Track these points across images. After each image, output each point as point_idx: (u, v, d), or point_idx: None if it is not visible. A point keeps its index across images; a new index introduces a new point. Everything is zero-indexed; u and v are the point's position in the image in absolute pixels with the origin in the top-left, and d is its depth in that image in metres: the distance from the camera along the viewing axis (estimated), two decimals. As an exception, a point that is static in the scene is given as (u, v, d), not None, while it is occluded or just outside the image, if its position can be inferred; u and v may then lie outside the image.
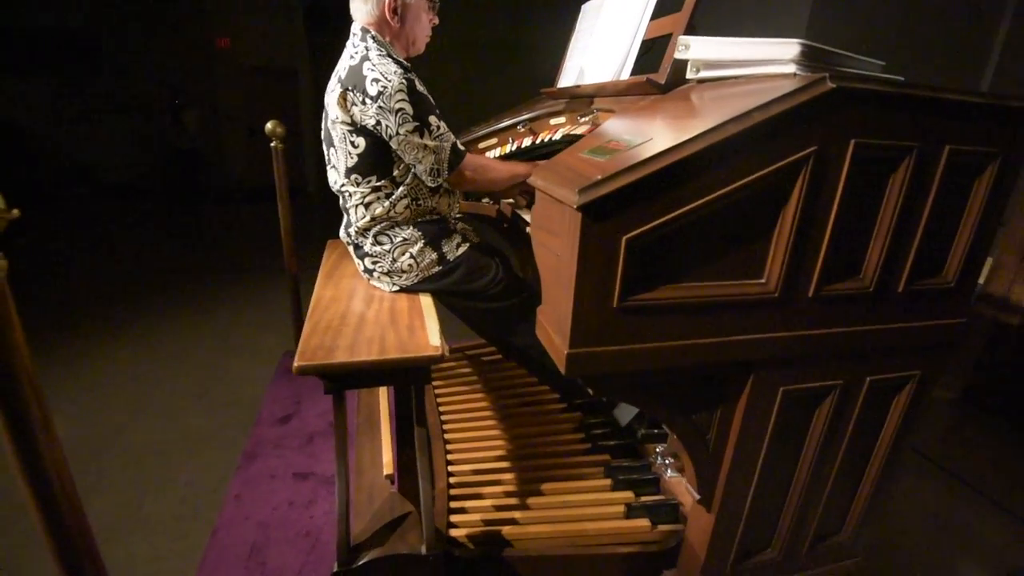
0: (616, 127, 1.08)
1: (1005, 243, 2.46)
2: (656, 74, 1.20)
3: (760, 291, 0.94)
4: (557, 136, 1.87)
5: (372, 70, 1.32)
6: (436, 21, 1.56)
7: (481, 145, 2.11)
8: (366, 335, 1.23)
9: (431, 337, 1.23)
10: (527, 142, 2.00)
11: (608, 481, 1.61)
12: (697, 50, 1.07)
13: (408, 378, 1.20)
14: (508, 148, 2.05)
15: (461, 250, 1.55)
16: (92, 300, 3.63)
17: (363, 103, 1.33)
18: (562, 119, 1.91)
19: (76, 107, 7.50)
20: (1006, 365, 2.44)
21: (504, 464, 1.67)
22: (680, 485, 1.58)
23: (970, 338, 2.54)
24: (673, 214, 0.82)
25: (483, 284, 1.55)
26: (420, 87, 1.35)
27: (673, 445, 1.61)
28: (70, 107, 7.48)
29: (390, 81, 1.30)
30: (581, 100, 1.72)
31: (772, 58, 0.95)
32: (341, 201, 1.56)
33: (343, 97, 1.36)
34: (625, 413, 1.86)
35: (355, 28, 1.45)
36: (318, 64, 7.68)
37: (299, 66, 7.72)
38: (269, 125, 2.15)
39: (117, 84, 7.54)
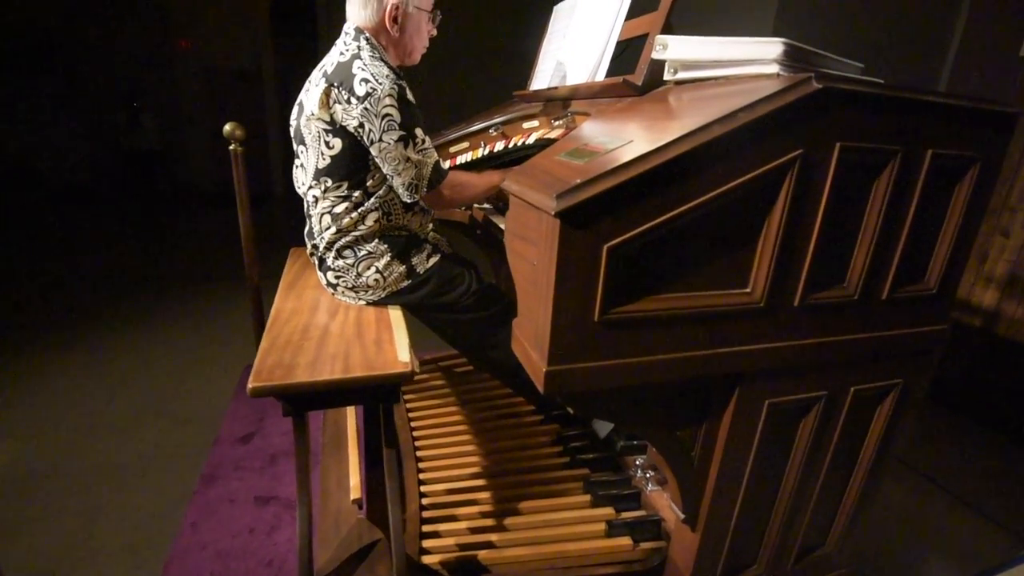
0: (593, 130, 1.03)
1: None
2: (632, 75, 1.15)
3: (745, 301, 0.90)
4: (530, 140, 1.81)
5: (363, 69, 1.24)
6: (434, 32, 1.49)
7: (452, 149, 2.04)
8: (329, 351, 1.15)
9: (400, 352, 1.15)
10: (500, 146, 1.94)
11: (588, 497, 1.55)
12: (675, 50, 1.03)
13: (376, 397, 1.12)
14: (480, 152, 1.99)
15: (432, 262, 1.47)
16: (42, 311, 3.41)
17: (348, 102, 1.25)
18: (535, 123, 1.85)
19: (27, 107, 7.13)
20: (969, 365, 2.49)
21: (480, 482, 1.60)
22: (662, 499, 1.54)
23: (937, 340, 2.58)
24: (657, 220, 0.77)
25: (455, 296, 1.48)
26: (410, 96, 1.28)
27: (653, 458, 1.57)
28: (21, 107, 7.10)
29: (380, 84, 1.22)
30: (555, 103, 1.67)
31: (753, 58, 0.91)
32: (305, 206, 1.47)
33: (326, 93, 1.28)
34: (603, 426, 1.82)
35: (348, 27, 1.36)
36: (283, 66, 7.49)
37: (263, 68, 7.51)
38: (228, 127, 2.03)
39: (71, 84, 7.20)
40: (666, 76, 1.10)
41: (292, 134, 1.45)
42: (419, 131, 1.29)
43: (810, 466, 1.18)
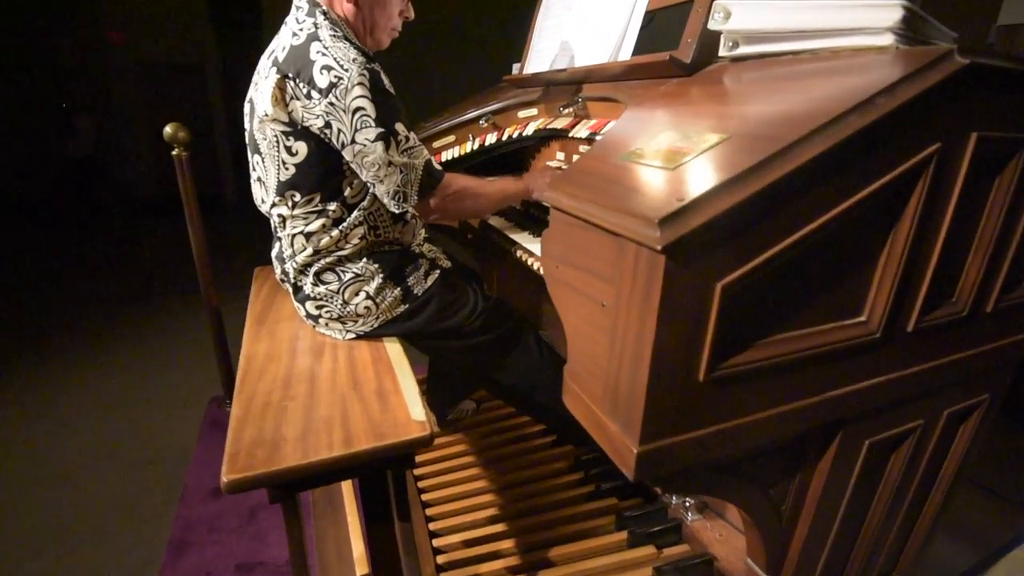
0: (647, 122, 0.82)
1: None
2: (678, 51, 0.94)
3: (861, 333, 0.72)
4: (529, 131, 1.60)
5: (323, 54, 0.98)
6: (410, 15, 1.21)
7: (436, 144, 1.80)
8: (321, 413, 0.91)
9: (412, 408, 0.92)
10: (491, 139, 1.72)
11: (623, 535, 1.37)
12: (742, 19, 0.83)
13: (385, 467, 0.90)
14: (469, 146, 1.76)
15: (431, 280, 1.24)
16: (-37, 347, 3.00)
17: (308, 96, 0.99)
18: (534, 111, 1.63)
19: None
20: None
21: (499, 527, 1.40)
22: (706, 530, 1.37)
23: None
24: (784, 244, 0.57)
25: (459, 319, 1.25)
26: (386, 83, 1.03)
27: (715, 505, 1.40)
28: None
29: (347, 71, 0.97)
30: (561, 88, 1.45)
31: (860, 26, 0.72)
32: (272, 225, 1.21)
33: (280, 87, 1.01)
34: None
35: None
36: (227, 59, 6.94)
37: (205, 61, 6.95)
38: (169, 129, 1.74)
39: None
40: (722, 51, 0.90)
41: (246, 141, 1.19)
42: (400, 126, 1.04)
43: (896, 497, 1.03)
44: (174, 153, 1.76)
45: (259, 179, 1.16)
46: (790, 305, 0.65)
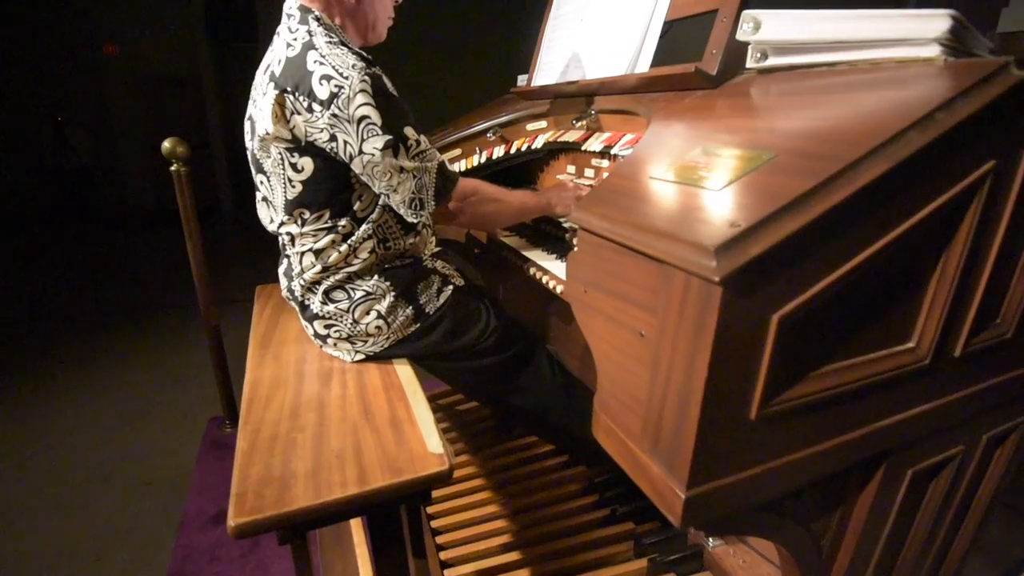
0: (681, 137, 0.78)
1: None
2: (703, 63, 0.91)
3: (911, 360, 0.68)
4: (538, 143, 1.56)
5: (321, 63, 0.94)
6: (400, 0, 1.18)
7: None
8: (333, 445, 0.86)
9: (428, 439, 0.88)
10: (499, 152, 1.68)
11: (643, 564, 1.32)
12: (773, 29, 0.79)
13: (401, 503, 0.85)
14: (476, 159, 1.72)
15: (443, 297, 1.20)
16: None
17: (310, 110, 0.95)
18: (543, 123, 1.60)
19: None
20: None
21: (513, 556, 1.34)
22: (728, 556, 1.32)
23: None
24: (842, 271, 0.53)
25: (472, 338, 1.21)
26: (389, 87, 0.99)
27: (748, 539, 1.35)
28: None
29: (347, 79, 0.92)
30: (571, 100, 1.41)
31: (904, 37, 0.68)
32: (279, 243, 1.17)
33: (279, 103, 0.97)
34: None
35: (290, 6, 1.05)
36: (224, 71, 6.91)
37: (202, 73, 6.92)
38: (167, 144, 1.69)
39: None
40: (749, 63, 0.87)
41: (249, 159, 1.14)
42: (410, 129, 1.00)
43: (935, 523, 0.98)
44: (173, 169, 1.72)
45: (265, 199, 1.12)
46: (841, 334, 0.61)
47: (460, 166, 1.73)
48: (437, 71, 6.51)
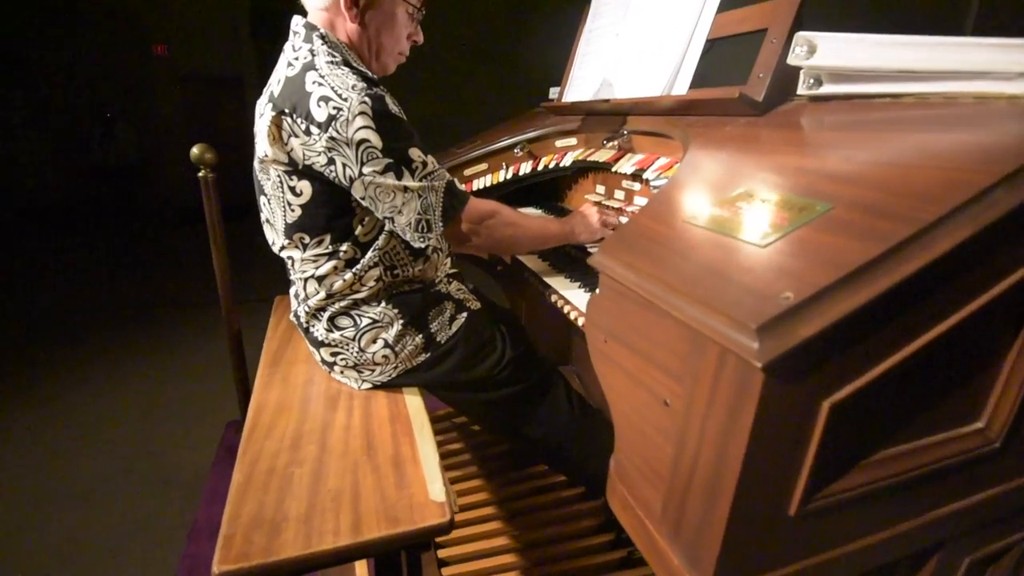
0: (717, 172, 0.70)
1: None
2: (748, 87, 0.83)
3: (979, 443, 0.58)
4: (566, 161, 1.49)
5: (320, 84, 0.89)
6: (419, 39, 1.11)
7: (468, 172, 1.71)
8: (330, 485, 0.81)
9: (430, 483, 0.82)
10: (526, 168, 1.62)
11: (659, 615, 1.23)
12: (830, 54, 0.71)
13: (398, 549, 0.79)
14: (502, 175, 1.67)
15: (456, 325, 1.14)
16: (-7, 352, 3.04)
17: (307, 132, 0.90)
18: (572, 140, 1.53)
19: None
20: None
21: (522, 598, 1.27)
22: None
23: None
24: (909, 350, 0.45)
25: (486, 369, 1.14)
26: (393, 106, 0.93)
27: None
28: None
29: (346, 100, 0.88)
30: (603, 118, 1.35)
31: (981, 70, 0.59)
32: (286, 268, 1.13)
33: (276, 124, 0.93)
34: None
35: (296, 23, 1.01)
36: (265, 72, 7.07)
37: (244, 74, 7.10)
38: (196, 150, 1.69)
39: (40, 96, 6.75)
40: (801, 89, 0.78)
41: (254, 179, 1.10)
42: (415, 151, 0.94)
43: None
44: (200, 175, 1.71)
45: (268, 221, 1.08)
46: (900, 416, 0.52)
47: (486, 181, 1.68)
48: (471, 80, 6.51)
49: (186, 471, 2.04)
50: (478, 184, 1.70)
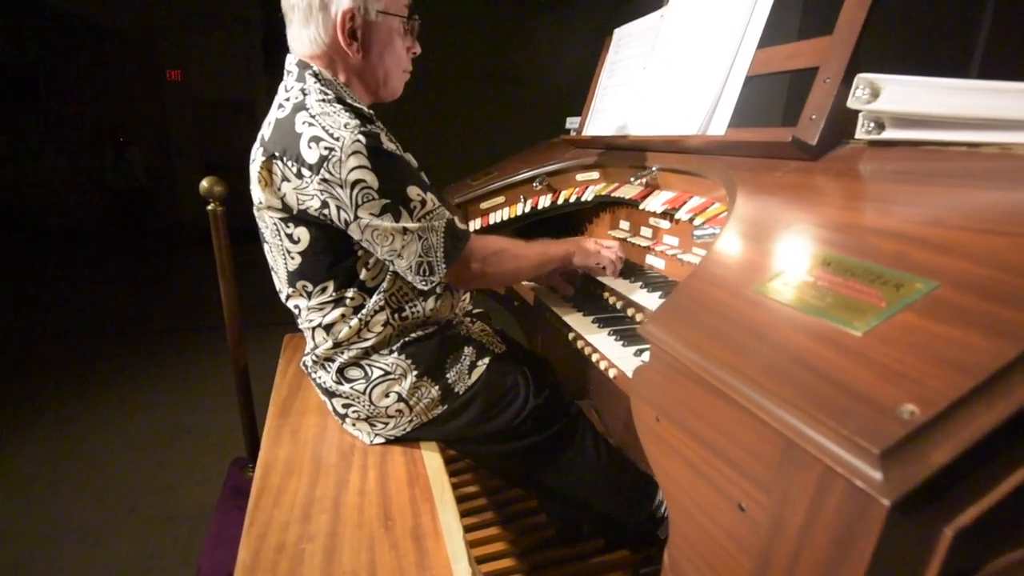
0: (780, 229, 0.64)
1: None
2: (800, 129, 0.77)
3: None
4: (587, 196, 1.44)
5: (310, 124, 0.85)
6: (417, 50, 1.06)
7: (484, 205, 1.66)
8: (345, 566, 0.74)
9: (455, 561, 0.74)
10: (545, 202, 1.57)
11: None
12: (896, 98, 0.65)
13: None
14: (520, 209, 1.61)
15: (476, 373, 1.06)
16: (1, 380, 2.98)
17: (299, 176, 0.85)
18: (594, 174, 1.48)
19: (8, 144, 6.77)
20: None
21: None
22: None
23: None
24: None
25: (507, 419, 1.07)
26: (388, 143, 0.88)
27: None
28: (1, 144, 6.75)
29: (339, 139, 0.83)
30: (627, 153, 1.29)
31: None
32: (295, 316, 1.07)
33: (267, 168, 0.88)
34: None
35: (289, 62, 0.97)
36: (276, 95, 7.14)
37: (257, 98, 7.18)
38: (205, 183, 1.64)
39: (55, 119, 6.85)
40: (859, 134, 0.72)
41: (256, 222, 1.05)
42: (413, 189, 0.89)
43: None
44: (209, 208, 1.67)
45: (272, 268, 1.03)
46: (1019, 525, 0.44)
47: (503, 215, 1.63)
48: (487, 108, 6.53)
49: (191, 507, 1.98)
50: (495, 217, 1.65)
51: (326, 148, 0.82)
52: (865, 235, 0.53)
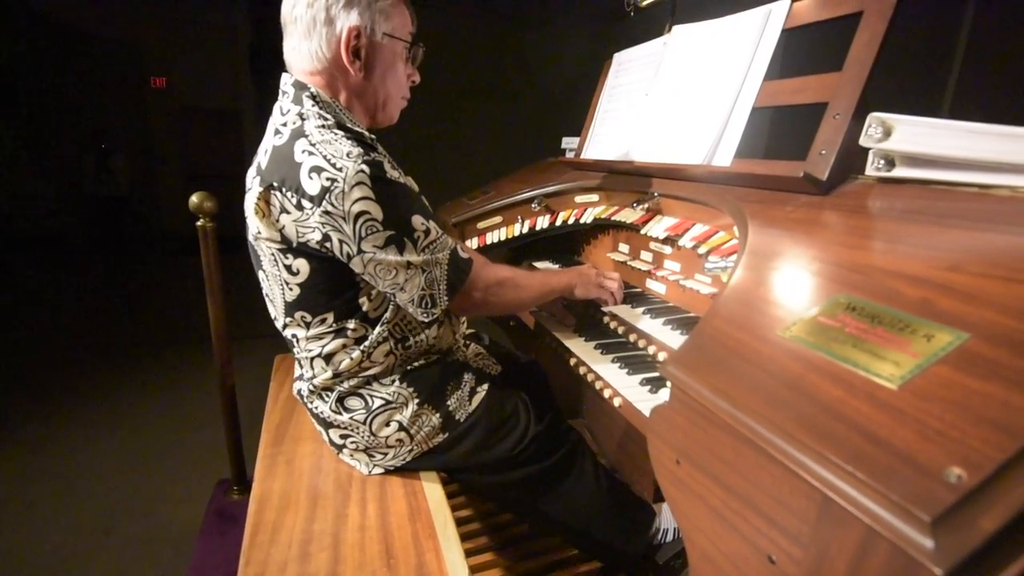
0: (798, 267, 0.64)
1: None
2: (810, 163, 0.77)
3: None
4: (586, 218, 1.44)
5: (311, 153, 0.81)
6: (417, 78, 1.04)
7: (481, 224, 1.65)
8: (348, 608, 0.71)
9: (461, 603, 0.72)
10: (543, 223, 1.57)
11: None
12: (908, 139, 0.65)
13: None
14: (517, 229, 1.61)
15: (476, 401, 1.05)
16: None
17: (299, 207, 0.82)
18: (594, 196, 1.48)
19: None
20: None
21: None
22: None
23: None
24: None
25: (508, 447, 1.05)
26: (392, 171, 0.85)
27: None
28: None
29: (341, 170, 0.79)
30: (625, 178, 1.29)
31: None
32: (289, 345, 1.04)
33: (264, 199, 0.85)
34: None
35: (285, 82, 0.93)
36: (264, 105, 7.09)
37: (243, 107, 7.11)
38: (195, 199, 1.61)
39: (35, 125, 6.70)
40: (869, 171, 0.73)
41: (249, 251, 1.01)
42: (418, 219, 0.86)
43: None
44: (199, 224, 1.63)
45: (267, 296, 1.00)
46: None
47: (500, 235, 1.62)
48: (482, 126, 6.55)
49: (173, 530, 1.90)
50: (492, 237, 1.64)
51: (328, 179, 0.79)
52: (886, 278, 0.53)
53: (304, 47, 0.90)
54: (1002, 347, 0.41)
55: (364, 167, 0.80)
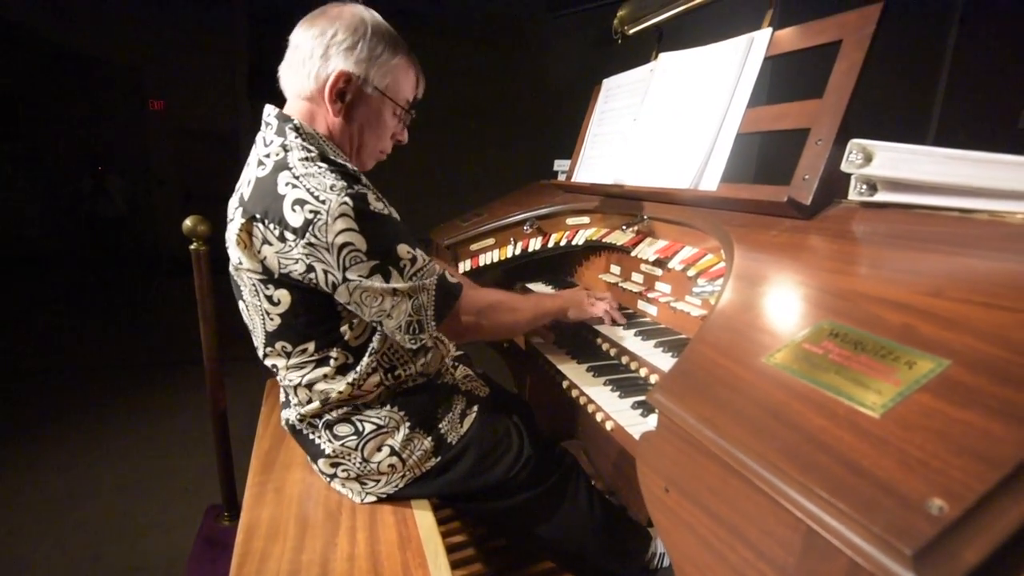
0: (782, 291, 0.64)
1: None
2: (793, 188, 0.78)
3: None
4: (578, 240, 1.45)
5: (294, 185, 0.81)
6: (403, 139, 1.06)
7: (474, 247, 1.66)
8: (335, 642, 0.69)
9: (452, 638, 0.70)
10: (535, 244, 1.58)
11: None
12: (888, 165, 0.67)
13: None
14: (510, 251, 1.62)
15: (467, 423, 1.04)
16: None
17: (282, 239, 0.81)
18: (585, 219, 1.49)
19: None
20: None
21: None
22: None
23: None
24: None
25: (501, 471, 1.04)
26: (375, 202, 0.85)
27: None
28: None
29: (324, 202, 0.79)
30: (616, 200, 1.31)
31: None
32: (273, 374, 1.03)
33: (247, 231, 0.84)
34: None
35: (268, 114, 0.93)
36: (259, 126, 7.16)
37: (240, 130, 7.17)
38: (188, 222, 1.61)
39: (33, 147, 6.74)
40: (852, 195, 0.74)
41: (231, 281, 1.00)
42: (403, 247, 0.86)
43: None
44: (192, 247, 1.63)
45: (249, 327, 0.99)
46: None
47: (493, 256, 1.63)
48: (471, 148, 6.62)
49: (160, 557, 1.86)
50: (484, 259, 1.64)
51: (311, 211, 0.79)
52: (869, 304, 0.54)
53: (297, 71, 0.92)
54: (982, 374, 0.41)
55: (347, 199, 0.80)
